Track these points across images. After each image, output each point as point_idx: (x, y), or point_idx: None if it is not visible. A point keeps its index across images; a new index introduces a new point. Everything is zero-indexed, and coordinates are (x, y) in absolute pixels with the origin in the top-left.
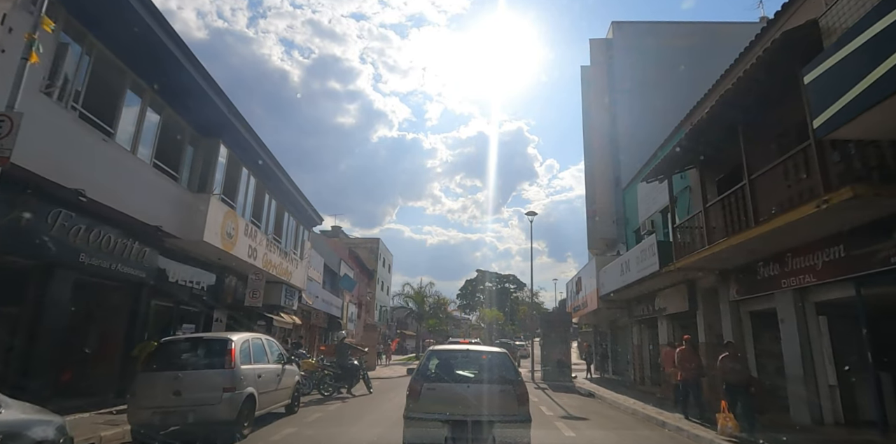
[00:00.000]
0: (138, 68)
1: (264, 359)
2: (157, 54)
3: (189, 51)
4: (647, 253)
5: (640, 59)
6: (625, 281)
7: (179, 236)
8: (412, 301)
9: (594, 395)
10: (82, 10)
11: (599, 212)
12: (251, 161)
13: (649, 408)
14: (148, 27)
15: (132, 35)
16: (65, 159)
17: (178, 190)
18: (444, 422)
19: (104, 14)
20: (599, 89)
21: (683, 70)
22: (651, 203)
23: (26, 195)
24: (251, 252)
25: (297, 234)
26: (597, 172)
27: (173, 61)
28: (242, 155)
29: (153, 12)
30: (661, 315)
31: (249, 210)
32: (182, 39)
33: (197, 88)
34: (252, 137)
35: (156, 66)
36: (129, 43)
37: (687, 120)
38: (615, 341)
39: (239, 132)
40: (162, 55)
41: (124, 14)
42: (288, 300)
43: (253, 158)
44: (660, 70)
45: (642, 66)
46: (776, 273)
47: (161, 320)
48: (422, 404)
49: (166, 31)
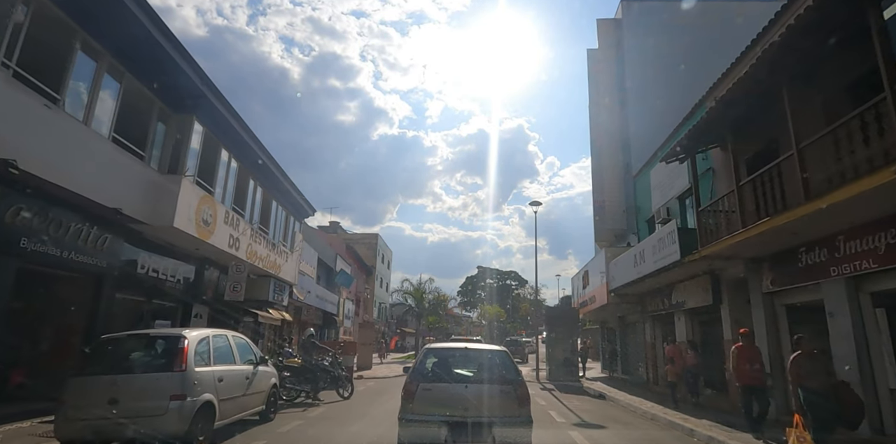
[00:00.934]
0: (90, 27)
1: (230, 359)
2: (112, 12)
3: (151, 10)
4: (666, 242)
5: (652, 38)
6: (639, 273)
7: (146, 221)
8: (411, 298)
9: (605, 397)
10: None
11: (608, 202)
12: (232, 143)
13: (670, 413)
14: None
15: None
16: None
17: (145, 170)
18: (441, 424)
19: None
20: (608, 72)
21: (698, 48)
22: (666, 189)
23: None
24: (233, 242)
25: (286, 225)
26: (605, 159)
27: (132, 21)
28: (222, 136)
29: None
30: (678, 310)
31: (231, 196)
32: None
33: (162, 53)
34: (232, 115)
35: (112, 27)
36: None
37: (710, 95)
38: (624, 338)
39: (216, 109)
40: (118, 14)
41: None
42: (277, 295)
43: (234, 141)
44: (673, 49)
45: (654, 45)
46: (823, 259)
47: (129, 315)
48: (417, 405)
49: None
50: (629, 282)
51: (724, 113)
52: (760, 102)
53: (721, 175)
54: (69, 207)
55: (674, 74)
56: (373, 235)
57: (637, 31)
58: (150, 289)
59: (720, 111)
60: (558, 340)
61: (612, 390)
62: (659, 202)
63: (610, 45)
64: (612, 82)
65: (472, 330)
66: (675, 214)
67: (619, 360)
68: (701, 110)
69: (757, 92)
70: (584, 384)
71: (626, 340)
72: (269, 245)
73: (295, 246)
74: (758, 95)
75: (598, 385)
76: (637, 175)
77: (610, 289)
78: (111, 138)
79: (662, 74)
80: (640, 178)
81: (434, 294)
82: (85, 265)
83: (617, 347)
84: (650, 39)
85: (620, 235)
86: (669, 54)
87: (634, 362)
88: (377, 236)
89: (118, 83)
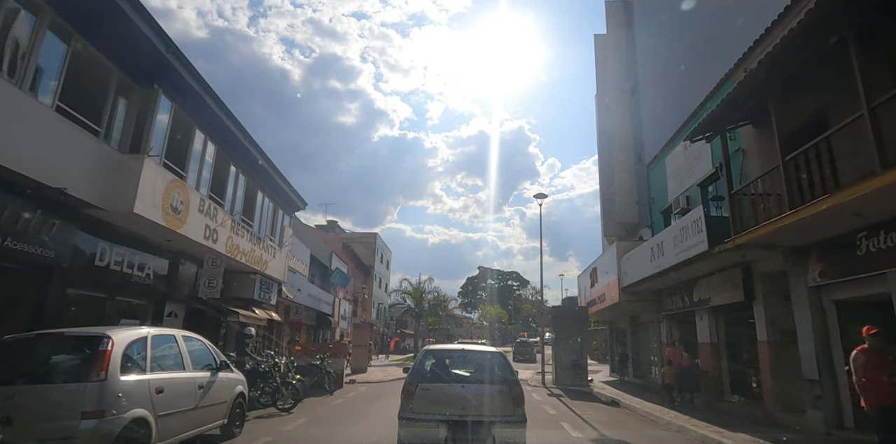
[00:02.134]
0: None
1: (177, 365)
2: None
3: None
4: (690, 231)
5: (664, 20)
6: (657, 268)
7: (101, 205)
8: (410, 298)
9: (619, 404)
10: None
11: (619, 194)
12: (208, 124)
13: (699, 424)
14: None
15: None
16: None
17: (101, 148)
18: (439, 423)
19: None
20: (616, 57)
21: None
22: (685, 176)
23: None
24: (209, 234)
25: (274, 218)
26: (615, 149)
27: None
28: (195, 114)
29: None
30: (701, 308)
31: (207, 183)
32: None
33: (115, 10)
34: (206, 91)
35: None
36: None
37: (739, 67)
38: (636, 339)
39: (185, 83)
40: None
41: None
42: (264, 294)
43: (210, 121)
44: (688, 28)
45: (668, 25)
46: (893, 244)
47: (88, 313)
48: (416, 404)
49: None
50: (644, 278)
51: (764, 78)
52: (812, 61)
53: (752, 156)
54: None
55: (691, 54)
56: (371, 234)
57: (650, 10)
58: (113, 285)
59: (760, 76)
60: (565, 341)
61: (626, 395)
62: (676, 191)
63: (619, 28)
64: (622, 68)
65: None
66: (695, 203)
67: (629, 363)
68: (728, 85)
69: (810, 48)
70: (594, 388)
71: (638, 341)
72: (253, 239)
73: (284, 241)
74: (809, 53)
75: (609, 390)
76: (651, 164)
77: (622, 286)
78: (55, 108)
79: (677, 56)
80: (654, 167)
81: (434, 294)
82: (25, 255)
83: (628, 349)
84: (664, 18)
85: (632, 229)
86: (685, 34)
87: (647, 365)
88: (376, 236)
89: (65, 44)
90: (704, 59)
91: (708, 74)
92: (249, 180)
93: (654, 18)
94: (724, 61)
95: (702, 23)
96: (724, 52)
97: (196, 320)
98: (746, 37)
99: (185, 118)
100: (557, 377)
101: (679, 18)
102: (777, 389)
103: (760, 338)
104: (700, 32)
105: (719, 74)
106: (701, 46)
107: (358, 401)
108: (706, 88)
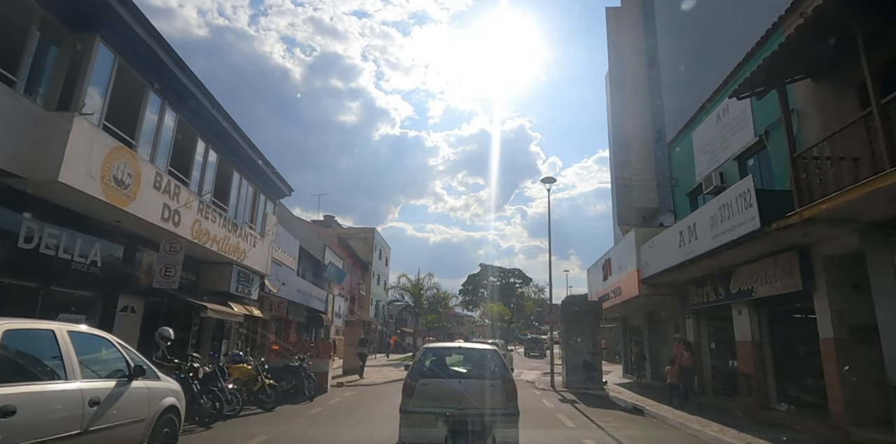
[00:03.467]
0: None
1: (51, 372)
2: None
3: None
4: (735, 208)
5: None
6: (688, 254)
7: (19, 172)
8: (408, 294)
9: (644, 412)
10: None
11: (636, 177)
12: (166, 86)
13: (757, 441)
14: None
15: None
16: None
17: (17, 102)
18: (437, 416)
19: None
20: (632, 28)
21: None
22: (718, 151)
23: None
24: (170, 215)
25: (255, 204)
26: (630, 127)
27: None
28: (147, 72)
29: None
30: (740, 301)
31: (166, 156)
32: None
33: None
34: (160, 45)
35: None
36: None
37: (792, 13)
38: (654, 338)
39: (132, 31)
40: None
41: None
42: (242, 287)
43: (168, 82)
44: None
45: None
46: None
47: (12, 307)
48: (416, 399)
49: None
50: (671, 267)
51: (838, 13)
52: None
53: (810, 117)
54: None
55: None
56: (369, 229)
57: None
58: (46, 272)
59: (831, 12)
60: (576, 339)
61: (649, 401)
62: (707, 168)
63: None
64: (638, 40)
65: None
66: (732, 180)
67: (647, 363)
68: (776, 36)
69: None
70: (609, 392)
71: (657, 339)
72: (228, 225)
73: (266, 230)
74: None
75: (627, 395)
76: (674, 142)
77: (641, 278)
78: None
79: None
80: (677, 144)
81: (434, 290)
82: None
83: (645, 348)
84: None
85: (650, 215)
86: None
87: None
88: (374, 231)
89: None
90: (735, 20)
91: (739, 40)
92: (223, 158)
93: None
94: (762, 20)
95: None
96: (761, 9)
97: (158, 316)
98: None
99: (132, 76)
100: (568, 379)
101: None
102: (848, 398)
103: (824, 335)
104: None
105: (754, 37)
106: (731, 7)
107: (340, 410)
108: (738, 53)
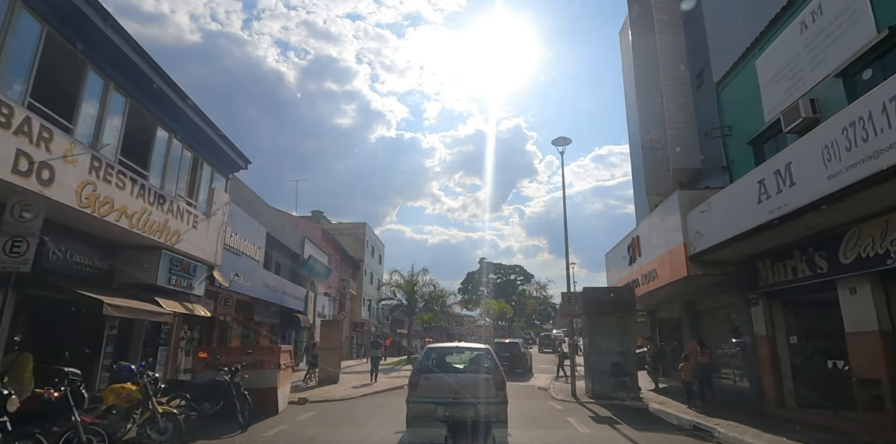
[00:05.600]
0: None
1: None
2: None
3: None
4: (877, 123)
5: None
6: (779, 209)
7: None
8: (401, 291)
9: (714, 434)
10: None
11: (671, 133)
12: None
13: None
14: None
15: None
16: None
17: None
18: (437, 405)
19: None
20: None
21: None
22: (806, 70)
23: None
24: (30, 168)
25: (194, 174)
26: (663, 72)
27: None
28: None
29: None
30: (855, 276)
31: (24, 83)
32: None
33: None
34: None
35: None
36: None
37: None
38: (697, 333)
39: None
40: None
41: None
42: (179, 279)
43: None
44: None
45: None
46: None
47: None
48: (420, 391)
49: None
50: (743, 233)
51: None
52: None
53: None
54: None
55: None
56: (360, 224)
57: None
58: None
59: None
60: (604, 336)
61: (712, 420)
62: (785, 99)
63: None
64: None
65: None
66: (830, 107)
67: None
68: None
69: None
70: (647, 402)
71: (703, 335)
72: (149, 196)
73: (214, 209)
74: None
75: (672, 407)
76: (724, 79)
77: (692, 253)
78: None
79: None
80: (729, 82)
81: (430, 287)
82: None
83: (685, 346)
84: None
85: (689, 179)
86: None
87: (726, 369)
88: (365, 226)
89: None
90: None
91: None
92: (136, 105)
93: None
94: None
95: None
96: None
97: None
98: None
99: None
100: (593, 387)
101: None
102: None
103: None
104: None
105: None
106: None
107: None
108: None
